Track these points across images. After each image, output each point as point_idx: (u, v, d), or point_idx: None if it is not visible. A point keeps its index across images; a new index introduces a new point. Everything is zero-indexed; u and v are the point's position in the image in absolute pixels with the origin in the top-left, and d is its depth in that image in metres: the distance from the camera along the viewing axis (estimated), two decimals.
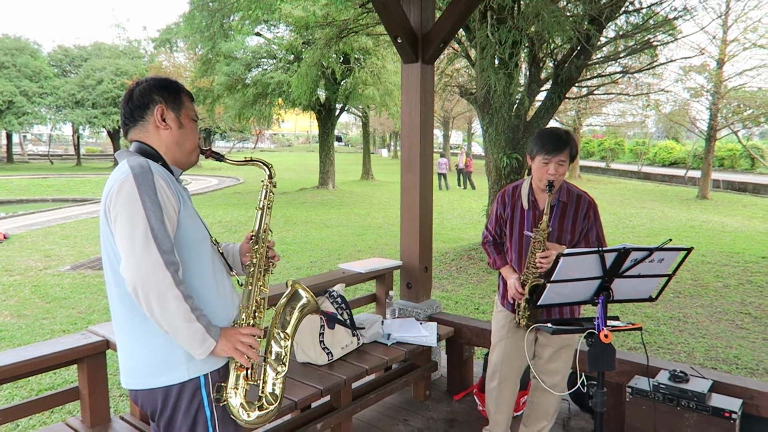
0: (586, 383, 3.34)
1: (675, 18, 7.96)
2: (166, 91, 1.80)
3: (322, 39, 10.70)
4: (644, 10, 7.94)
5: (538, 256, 2.57)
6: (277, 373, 1.83)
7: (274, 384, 1.83)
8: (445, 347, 4.11)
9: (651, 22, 7.91)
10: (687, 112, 21.48)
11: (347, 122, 71.34)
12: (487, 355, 3.17)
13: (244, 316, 1.82)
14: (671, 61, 10.89)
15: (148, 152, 1.76)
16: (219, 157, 1.97)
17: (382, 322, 3.68)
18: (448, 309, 6.54)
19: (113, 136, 35.31)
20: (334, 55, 15.75)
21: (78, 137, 36.96)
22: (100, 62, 32.57)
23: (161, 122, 1.78)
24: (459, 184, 24.12)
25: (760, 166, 25.39)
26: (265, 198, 1.93)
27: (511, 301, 2.81)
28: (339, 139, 67.49)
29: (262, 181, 1.95)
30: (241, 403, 1.76)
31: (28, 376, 2.46)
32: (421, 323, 3.79)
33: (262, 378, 1.82)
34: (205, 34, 15.65)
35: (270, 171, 1.97)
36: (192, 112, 1.86)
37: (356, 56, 17.86)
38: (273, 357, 1.85)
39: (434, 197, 4.31)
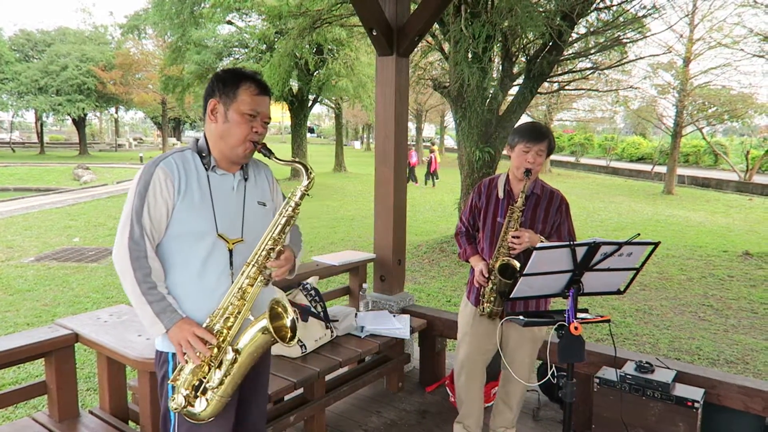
0: (556, 374, 3.41)
1: (644, 16, 8.12)
2: (222, 83, 1.85)
3: (296, 29, 10.57)
4: (614, 8, 8.07)
5: (511, 234, 2.63)
6: (215, 388, 1.77)
7: (211, 392, 1.78)
8: (417, 339, 4.14)
9: (621, 19, 8.05)
10: (654, 109, 21.98)
11: (320, 113, 70.89)
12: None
13: (217, 318, 1.80)
14: (640, 58, 11.15)
15: (199, 142, 1.90)
16: (268, 153, 1.90)
17: (356, 314, 3.69)
18: (420, 301, 6.58)
19: (78, 124, 34.36)
20: (308, 46, 15.63)
21: (41, 125, 35.84)
22: (64, 48, 31.55)
23: (211, 115, 1.86)
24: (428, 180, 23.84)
25: (723, 162, 26.12)
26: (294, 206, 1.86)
27: (477, 285, 2.85)
28: (311, 131, 66.99)
29: (298, 187, 1.86)
30: (186, 395, 1.77)
31: None
32: (394, 316, 3.81)
33: (205, 379, 1.79)
34: (175, 21, 15.37)
35: (309, 177, 1.88)
36: (247, 106, 1.83)
37: (330, 47, 17.72)
38: (216, 373, 1.78)
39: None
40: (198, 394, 1.77)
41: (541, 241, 2.65)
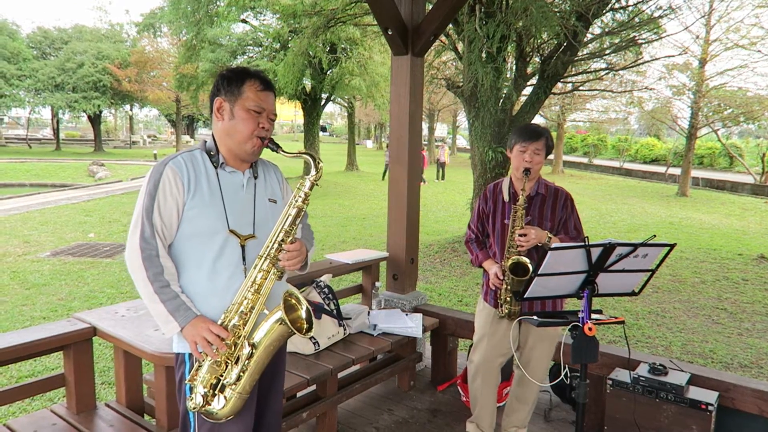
0: (569, 375, 3.40)
1: (660, 16, 8.05)
2: (226, 82, 1.87)
3: (310, 28, 10.61)
4: (630, 8, 8.02)
5: (517, 233, 2.67)
6: (233, 385, 1.77)
7: (230, 387, 1.77)
8: (429, 338, 4.15)
9: (636, 20, 7.99)
10: (669, 110, 21.78)
11: (332, 112, 70.97)
12: (471, 347, 3.22)
13: (232, 314, 1.79)
14: (655, 59, 11.05)
15: (207, 142, 1.92)
16: (275, 148, 1.94)
17: (369, 312, 3.70)
18: (431, 301, 6.56)
19: (94, 120, 34.68)
20: (321, 45, 15.67)
21: (57, 121, 36.23)
22: (81, 45, 31.85)
23: (217, 113, 1.88)
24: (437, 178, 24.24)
25: (739, 164, 25.83)
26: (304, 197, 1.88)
27: (493, 288, 2.87)
28: (324, 129, 67.15)
29: (306, 176, 1.89)
30: (204, 394, 1.75)
31: (16, 361, 2.45)
32: (406, 314, 3.83)
33: (222, 375, 1.78)
34: (190, 19, 15.49)
35: (318, 168, 1.90)
36: (252, 102, 1.85)
37: (343, 46, 17.76)
38: (234, 367, 1.77)
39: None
40: (216, 392, 1.76)
41: (548, 237, 2.68)
